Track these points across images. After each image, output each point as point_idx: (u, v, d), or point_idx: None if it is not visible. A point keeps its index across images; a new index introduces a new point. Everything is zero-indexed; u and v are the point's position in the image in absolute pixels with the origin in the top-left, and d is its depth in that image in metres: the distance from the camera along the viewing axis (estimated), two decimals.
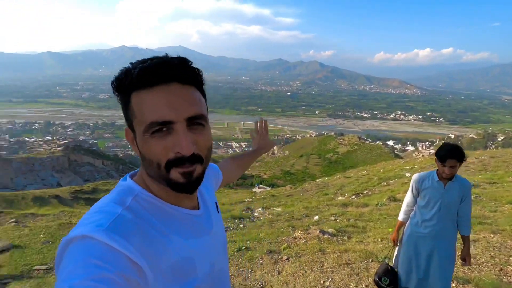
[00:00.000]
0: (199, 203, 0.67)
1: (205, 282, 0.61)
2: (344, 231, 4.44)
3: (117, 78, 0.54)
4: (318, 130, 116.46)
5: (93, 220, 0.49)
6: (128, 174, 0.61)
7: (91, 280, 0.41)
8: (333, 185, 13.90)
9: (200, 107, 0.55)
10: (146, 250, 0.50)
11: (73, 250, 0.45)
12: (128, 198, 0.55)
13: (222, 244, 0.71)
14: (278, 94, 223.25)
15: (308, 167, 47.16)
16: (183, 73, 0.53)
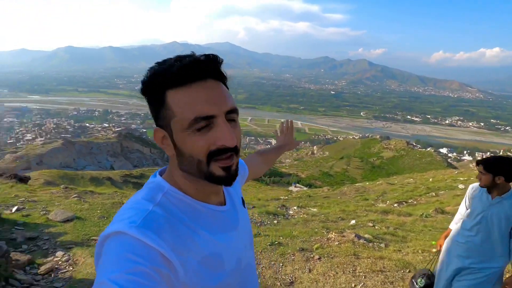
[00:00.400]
0: (226, 199, 0.69)
1: (233, 276, 0.62)
2: (382, 238, 4.28)
3: (152, 76, 0.55)
4: (362, 132, 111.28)
5: (127, 217, 0.51)
6: (157, 171, 0.64)
7: (127, 273, 0.44)
8: (374, 190, 13.29)
9: (233, 101, 0.58)
10: (176, 245, 0.52)
11: (110, 246, 0.48)
12: (158, 194, 0.57)
13: (248, 239, 0.73)
14: (321, 93, 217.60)
15: (348, 170, 45.44)
16: (217, 70, 0.56)
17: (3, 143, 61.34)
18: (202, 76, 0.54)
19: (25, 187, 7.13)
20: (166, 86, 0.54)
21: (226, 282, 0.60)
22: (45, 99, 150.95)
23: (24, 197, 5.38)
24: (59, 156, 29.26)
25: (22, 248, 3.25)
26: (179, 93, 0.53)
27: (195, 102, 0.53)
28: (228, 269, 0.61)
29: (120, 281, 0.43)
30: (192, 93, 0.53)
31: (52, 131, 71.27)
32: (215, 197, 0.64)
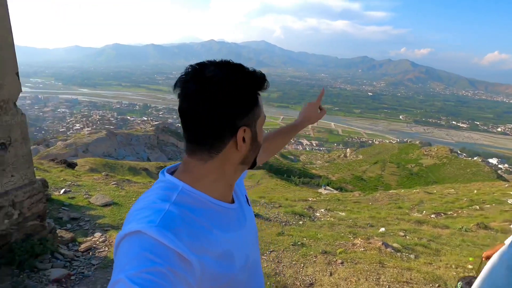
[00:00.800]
0: (233, 197, 0.71)
1: (242, 273, 0.64)
2: (412, 249, 4.07)
3: (251, 78, 0.61)
4: (399, 137, 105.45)
5: (144, 216, 0.53)
6: (164, 169, 0.65)
7: (145, 272, 0.45)
8: (410, 199, 12.56)
9: None
10: (194, 245, 0.53)
11: (128, 244, 0.50)
12: (174, 194, 0.58)
13: (254, 236, 0.75)
14: (357, 94, 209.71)
15: (382, 176, 43.40)
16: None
17: (56, 131, 67.69)
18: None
19: (72, 172, 7.83)
20: (258, 87, 0.62)
21: (237, 278, 0.62)
22: (93, 92, 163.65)
23: (70, 181, 5.92)
24: (103, 145, 31.61)
25: (67, 227, 3.60)
26: (260, 97, 0.64)
27: (262, 104, 0.65)
28: (238, 266, 0.63)
29: (138, 279, 0.44)
30: (261, 97, 0.65)
31: (98, 122, 77.11)
32: (229, 196, 0.67)
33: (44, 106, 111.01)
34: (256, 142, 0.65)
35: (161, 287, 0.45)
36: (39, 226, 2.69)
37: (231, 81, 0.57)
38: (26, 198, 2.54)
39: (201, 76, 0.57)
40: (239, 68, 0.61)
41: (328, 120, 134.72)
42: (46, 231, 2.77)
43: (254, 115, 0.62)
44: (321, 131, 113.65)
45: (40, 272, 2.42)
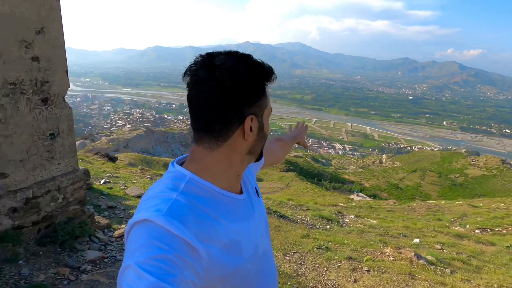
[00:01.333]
0: (242, 188, 0.72)
1: (251, 263, 0.65)
2: (449, 263, 3.78)
3: (259, 70, 0.63)
4: (443, 144, 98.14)
5: (152, 205, 0.54)
6: (174, 161, 0.67)
7: (153, 259, 0.47)
8: (452, 211, 11.61)
9: None
10: (200, 233, 0.54)
11: (137, 232, 0.51)
12: (181, 183, 0.59)
13: (264, 227, 0.76)
14: (396, 97, 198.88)
15: (421, 185, 40.65)
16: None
17: (101, 127, 73.20)
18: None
19: (112, 165, 8.43)
20: (265, 79, 0.64)
21: (245, 268, 0.63)
22: (135, 92, 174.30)
23: (110, 173, 6.38)
24: (141, 142, 33.53)
25: (104, 214, 3.89)
26: (267, 88, 0.65)
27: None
28: (247, 256, 0.64)
29: (146, 266, 0.46)
30: (268, 89, 0.67)
31: (138, 120, 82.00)
32: (236, 187, 0.68)
33: (92, 103, 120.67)
34: (262, 132, 0.66)
35: (169, 274, 0.46)
36: (79, 211, 2.95)
37: (240, 69, 0.58)
38: (70, 184, 2.80)
39: (210, 64, 0.58)
40: (247, 58, 0.62)
41: (364, 124, 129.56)
42: (85, 216, 3.02)
43: (261, 105, 0.63)
44: (355, 135, 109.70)
45: (78, 252, 2.65)
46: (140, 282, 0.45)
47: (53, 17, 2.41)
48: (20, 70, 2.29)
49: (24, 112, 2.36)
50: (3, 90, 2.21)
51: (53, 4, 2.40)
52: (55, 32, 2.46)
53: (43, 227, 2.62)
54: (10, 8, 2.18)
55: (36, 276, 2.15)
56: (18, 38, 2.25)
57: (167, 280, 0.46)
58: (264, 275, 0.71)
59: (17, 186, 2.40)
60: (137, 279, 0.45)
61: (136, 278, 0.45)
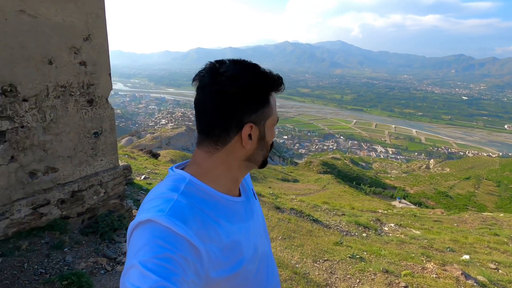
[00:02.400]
0: (240, 190, 0.73)
1: (251, 263, 0.67)
2: (504, 287, 3.34)
3: (262, 79, 0.64)
4: (503, 150, 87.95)
5: (154, 206, 0.56)
6: (173, 167, 0.68)
7: (156, 258, 0.48)
8: (511, 226, 10.34)
9: None
10: (201, 233, 0.55)
11: (140, 232, 0.52)
12: (181, 185, 0.61)
13: (262, 228, 0.77)
14: (448, 98, 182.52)
15: (475, 194, 36.86)
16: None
17: (147, 125, 78.31)
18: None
19: (153, 162, 8.93)
20: (270, 88, 0.65)
21: (246, 268, 0.64)
22: (177, 92, 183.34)
23: (150, 169, 6.76)
24: (182, 139, 35.18)
25: None
26: (273, 97, 0.66)
27: (275, 107, 0.67)
28: (247, 256, 0.65)
29: (149, 264, 0.47)
30: (274, 99, 0.67)
31: (179, 118, 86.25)
32: (235, 190, 0.69)
33: (139, 103, 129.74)
34: (263, 142, 0.66)
35: (172, 273, 0.47)
36: (119, 205, 3.15)
37: (241, 77, 0.61)
38: (111, 180, 3.00)
39: (215, 71, 0.62)
40: (253, 66, 0.64)
41: (410, 126, 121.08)
42: (124, 209, 3.22)
43: (263, 114, 0.64)
44: (399, 137, 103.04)
45: (116, 244, 2.83)
46: (143, 281, 0.46)
47: (99, 24, 2.60)
48: (70, 74, 2.51)
49: (72, 112, 2.57)
50: (55, 93, 2.43)
51: (99, 12, 2.59)
52: (100, 38, 2.65)
53: (86, 218, 2.85)
54: (62, 17, 2.39)
55: (77, 264, 2.34)
56: (68, 44, 2.47)
57: (171, 279, 0.47)
58: (265, 276, 0.72)
59: (65, 180, 2.63)
60: (141, 278, 0.46)
61: (140, 277, 0.46)
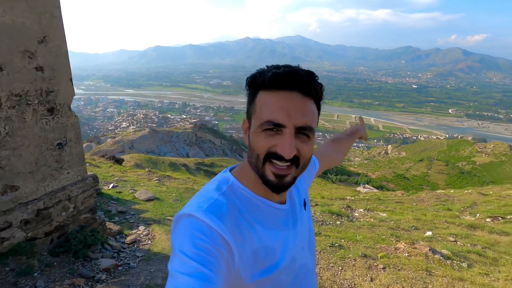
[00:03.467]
0: (287, 199, 0.72)
1: (285, 273, 0.66)
2: (465, 257, 3.71)
3: (253, 76, 0.63)
4: (449, 132, 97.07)
5: (196, 202, 0.61)
6: (228, 168, 0.72)
7: (195, 247, 0.53)
8: (461, 200, 11.46)
9: (312, 120, 0.60)
10: (234, 232, 0.58)
11: (182, 225, 0.58)
12: (224, 186, 0.64)
13: (306, 241, 0.75)
14: (400, 87, 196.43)
15: (428, 174, 40.34)
16: (306, 85, 0.59)
17: (106, 129, 73.79)
18: (290, 87, 0.59)
19: (119, 168, 8.45)
20: (260, 86, 0.61)
21: (278, 277, 0.64)
22: (137, 93, 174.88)
23: (118, 176, 6.39)
24: (146, 142, 33.68)
25: (115, 220, 3.89)
26: (266, 96, 0.60)
27: (273, 107, 0.58)
28: (281, 264, 0.64)
29: (189, 253, 0.52)
30: (274, 99, 0.59)
31: (141, 120, 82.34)
32: (277, 196, 0.66)
33: (96, 106, 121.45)
34: (249, 141, 0.64)
35: (209, 262, 0.52)
36: (90, 219, 2.94)
37: (247, 78, 0.64)
38: (80, 193, 2.78)
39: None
40: (269, 67, 0.63)
41: (368, 115, 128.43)
42: (97, 223, 3.01)
43: (251, 111, 0.63)
44: None
45: (92, 261, 2.64)
46: (184, 267, 0.51)
47: (55, 25, 2.37)
48: (25, 81, 2.26)
49: (30, 123, 2.33)
50: (9, 102, 2.18)
51: (54, 12, 2.35)
52: (58, 40, 2.42)
53: (56, 237, 2.62)
54: (11, 18, 2.14)
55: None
56: (21, 48, 2.22)
57: (208, 267, 0.51)
58: None
59: (27, 198, 2.39)
60: (182, 264, 0.51)
61: (181, 263, 0.51)
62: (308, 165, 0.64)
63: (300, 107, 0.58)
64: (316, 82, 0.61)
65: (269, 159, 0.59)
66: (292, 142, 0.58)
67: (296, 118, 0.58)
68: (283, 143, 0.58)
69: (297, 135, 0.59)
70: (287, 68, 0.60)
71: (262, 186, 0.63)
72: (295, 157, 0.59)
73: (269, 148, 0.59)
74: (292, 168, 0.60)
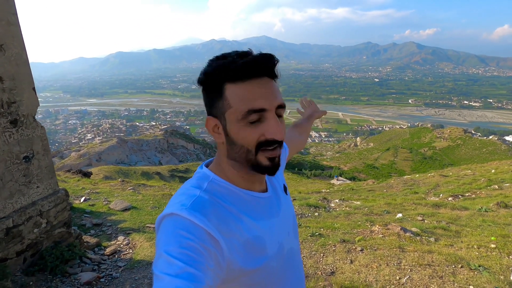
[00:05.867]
0: (267, 186, 0.72)
1: (275, 260, 0.66)
2: (432, 232, 4.04)
3: (214, 69, 0.59)
4: (410, 121, 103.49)
5: (178, 201, 0.59)
6: (203, 163, 0.71)
7: (180, 247, 0.51)
8: (426, 183, 12.35)
9: (282, 98, 0.63)
10: (221, 227, 0.57)
11: (165, 224, 0.56)
12: (204, 183, 0.64)
13: (291, 225, 0.76)
14: (364, 81, 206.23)
15: (395, 162, 42.75)
16: (273, 69, 0.61)
17: (69, 142, 69.41)
18: (259, 73, 0.59)
19: (89, 181, 8.05)
20: (226, 79, 0.58)
21: (269, 265, 0.65)
22: (101, 102, 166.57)
23: (89, 189, 6.10)
24: (115, 153, 32.20)
25: (91, 233, 3.73)
26: (237, 87, 0.58)
27: (250, 96, 0.58)
28: (271, 253, 0.65)
29: (174, 253, 0.50)
30: (248, 88, 0.58)
31: (108, 130, 78.53)
32: (259, 184, 0.69)
33: (55, 119, 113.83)
34: (228, 138, 0.62)
35: (196, 260, 0.50)
36: (66, 233, 2.81)
37: (202, 71, 0.61)
38: (52, 207, 2.66)
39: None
40: (216, 57, 0.61)
41: (336, 110, 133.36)
42: (72, 237, 2.89)
43: (219, 107, 0.61)
44: (329, 121, 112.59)
45: (71, 276, 2.54)
46: (170, 268, 0.49)
47: (13, 32, 2.25)
48: None
49: None
50: None
51: (10, 19, 2.23)
52: (17, 48, 2.30)
53: (29, 255, 2.48)
54: None
55: None
56: None
57: (195, 266, 0.50)
58: (290, 274, 0.72)
59: None
60: (168, 265, 0.49)
61: (167, 264, 0.49)
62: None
63: (272, 89, 0.60)
64: (276, 63, 0.62)
65: (260, 149, 0.60)
66: (279, 123, 0.59)
67: (273, 99, 0.59)
68: (272, 127, 0.58)
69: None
70: (251, 55, 0.59)
71: (247, 177, 0.65)
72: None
73: (258, 138, 0.59)
74: (278, 148, 0.62)
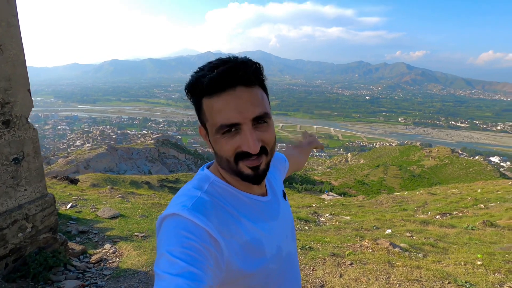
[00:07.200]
0: (267, 190, 0.74)
1: (274, 262, 0.67)
2: (420, 248, 4.08)
3: (190, 85, 0.60)
4: (400, 139, 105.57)
5: (179, 202, 0.60)
6: (205, 165, 0.72)
7: (181, 247, 0.52)
8: (414, 201, 12.51)
9: (264, 106, 0.60)
10: (221, 228, 0.58)
11: (167, 225, 0.56)
12: (205, 184, 0.65)
13: (289, 229, 0.78)
14: (355, 99, 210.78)
15: (385, 179, 43.26)
16: (246, 77, 0.58)
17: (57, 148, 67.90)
18: (231, 84, 0.57)
19: (76, 188, 7.87)
20: (201, 94, 0.59)
21: (268, 267, 0.65)
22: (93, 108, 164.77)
23: (76, 195, 5.96)
24: (104, 160, 31.61)
25: (76, 240, 3.63)
26: (211, 101, 0.58)
27: (222, 110, 0.57)
28: (269, 256, 0.66)
29: (176, 253, 0.51)
30: (221, 102, 0.57)
31: (98, 137, 77.33)
32: (258, 188, 0.70)
33: (44, 124, 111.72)
34: (213, 147, 0.63)
35: (197, 260, 0.51)
36: (51, 239, 2.73)
37: (186, 88, 0.61)
38: (39, 211, 2.59)
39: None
40: (197, 70, 0.61)
41: (328, 126, 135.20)
42: (58, 243, 2.81)
43: (202, 119, 0.63)
44: (321, 136, 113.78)
45: (54, 284, 2.45)
46: (172, 267, 0.49)
47: (12, 33, 2.26)
48: None
49: None
50: None
51: (10, 20, 2.25)
52: (15, 49, 2.30)
53: (11, 261, 2.39)
54: None
55: None
56: None
57: (196, 265, 0.50)
58: (287, 277, 0.73)
59: None
60: (169, 264, 0.49)
61: (168, 264, 0.50)
62: (275, 147, 0.65)
63: (248, 100, 0.57)
64: (255, 68, 0.59)
65: (239, 159, 0.60)
66: (253, 136, 0.57)
67: (248, 111, 0.57)
68: (245, 141, 0.57)
69: (255, 126, 0.59)
70: (222, 67, 0.57)
71: (239, 182, 0.66)
72: (262, 147, 0.60)
73: (234, 150, 0.59)
74: (262, 157, 0.61)
